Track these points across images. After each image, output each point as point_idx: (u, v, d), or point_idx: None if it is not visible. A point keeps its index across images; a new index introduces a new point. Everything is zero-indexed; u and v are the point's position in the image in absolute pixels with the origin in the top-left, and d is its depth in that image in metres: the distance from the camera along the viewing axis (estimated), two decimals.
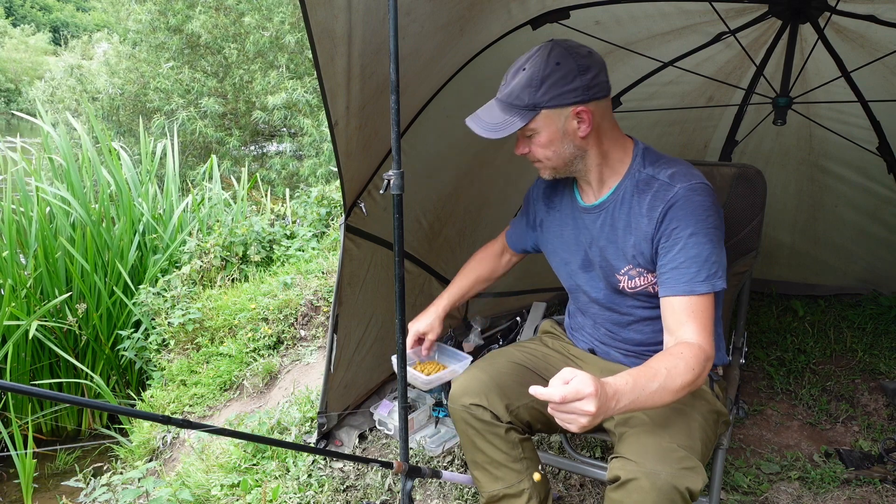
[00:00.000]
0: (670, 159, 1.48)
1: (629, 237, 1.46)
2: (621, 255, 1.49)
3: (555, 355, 1.70)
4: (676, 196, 1.37)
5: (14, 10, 37.03)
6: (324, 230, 4.50)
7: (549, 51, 1.36)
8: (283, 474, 2.20)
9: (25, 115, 6.19)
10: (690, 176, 1.41)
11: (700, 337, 1.32)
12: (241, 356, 3.15)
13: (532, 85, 1.35)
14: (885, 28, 2.12)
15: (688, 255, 1.35)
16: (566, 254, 1.63)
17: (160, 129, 7.52)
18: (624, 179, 1.48)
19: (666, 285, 1.39)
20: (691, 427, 1.33)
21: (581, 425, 1.13)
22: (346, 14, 1.47)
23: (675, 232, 1.37)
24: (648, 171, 1.45)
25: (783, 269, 3.56)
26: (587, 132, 1.40)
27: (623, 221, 1.47)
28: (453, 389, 1.55)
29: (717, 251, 1.36)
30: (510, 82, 1.39)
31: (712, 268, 1.35)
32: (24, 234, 4.08)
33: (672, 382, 1.22)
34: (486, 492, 1.58)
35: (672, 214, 1.37)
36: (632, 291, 1.51)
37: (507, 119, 1.37)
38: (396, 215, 1.52)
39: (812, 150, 3.08)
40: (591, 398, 1.10)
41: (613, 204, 1.49)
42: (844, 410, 2.59)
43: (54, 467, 3.57)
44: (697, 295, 1.34)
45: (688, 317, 1.34)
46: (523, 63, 1.39)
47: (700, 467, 1.24)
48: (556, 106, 1.37)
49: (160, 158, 5.46)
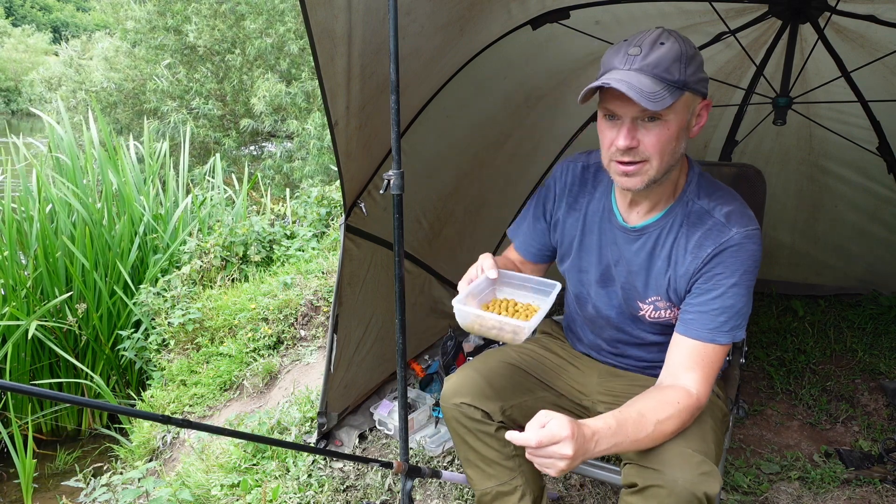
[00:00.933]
0: (726, 192, 1.37)
1: (667, 270, 1.37)
2: (652, 286, 1.40)
3: (551, 356, 1.69)
4: (731, 241, 1.28)
5: (14, 10, 37.06)
6: (324, 230, 4.51)
7: (677, 35, 1.23)
8: (283, 474, 2.20)
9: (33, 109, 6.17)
10: (747, 219, 1.31)
11: (702, 388, 1.28)
12: (241, 356, 3.15)
13: (682, 60, 1.19)
14: (885, 28, 2.12)
15: (723, 304, 1.29)
16: (583, 262, 1.52)
17: (157, 131, 7.52)
18: (675, 205, 1.36)
19: (688, 325, 1.32)
20: (705, 431, 1.31)
21: (559, 469, 1.11)
22: (346, 14, 1.47)
23: (718, 278, 1.29)
24: (703, 203, 1.34)
25: (783, 269, 3.56)
26: (697, 133, 1.29)
27: (665, 252, 1.37)
28: (445, 389, 1.54)
29: (749, 303, 1.31)
30: (650, 53, 1.19)
31: (739, 319, 1.30)
32: (25, 234, 4.08)
33: (658, 435, 1.22)
34: (479, 489, 1.58)
35: (721, 259, 1.29)
36: (651, 320, 1.46)
37: (660, 91, 1.17)
38: (396, 215, 1.52)
39: (812, 150, 3.08)
40: (568, 441, 1.09)
41: (659, 231, 1.37)
42: (844, 410, 2.59)
43: (54, 467, 3.57)
44: (716, 344, 1.30)
45: (697, 363, 1.30)
46: (656, 38, 1.21)
47: (716, 471, 1.22)
48: (696, 91, 1.23)
49: (160, 158, 5.46)
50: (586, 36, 2.31)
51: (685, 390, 1.28)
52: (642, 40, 1.21)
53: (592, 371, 1.65)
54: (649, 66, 1.18)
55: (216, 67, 8.10)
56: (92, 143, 4.83)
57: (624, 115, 1.23)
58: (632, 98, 1.15)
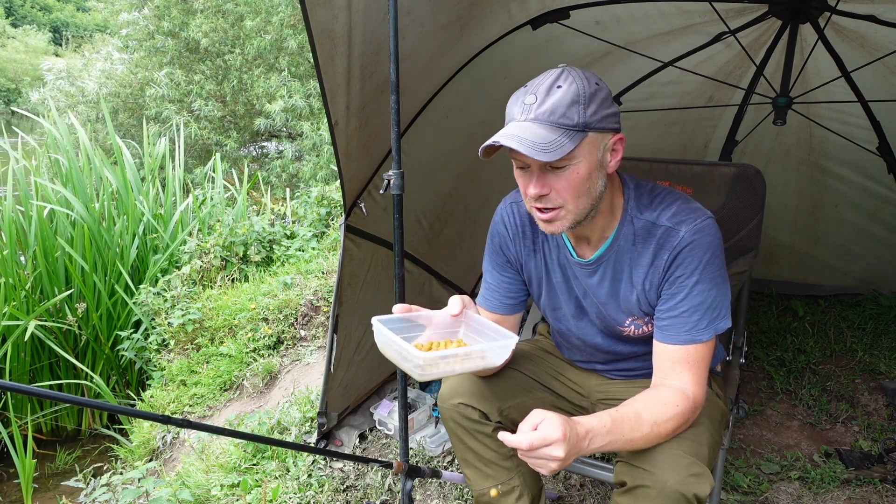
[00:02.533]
0: (665, 195, 1.34)
1: (633, 292, 1.36)
2: (624, 309, 1.40)
3: (549, 357, 1.69)
4: (682, 241, 1.27)
5: (14, 11, 37.02)
6: (324, 230, 4.51)
7: (579, 71, 1.21)
8: (283, 474, 2.20)
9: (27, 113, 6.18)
10: (692, 213, 1.30)
11: (695, 388, 1.28)
12: (241, 356, 3.15)
13: (580, 102, 1.16)
14: (885, 28, 2.12)
15: (691, 304, 1.28)
16: (554, 300, 1.50)
17: (158, 134, 7.51)
18: (621, 227, 1.34)
19: (665, 332, 1.32)
20: (698, 432, 1.31)
21: (551, 469, 1.11)
22: (346, 14, 1.47)
23: (680, 280, 1.29)
24: (647, 215, 1.32)
25: (783, 269, 3.56)
26: (615, 168, 1.27)
27: (626, 275, 1.36)
28: (442, 390, 1.54)
29: (723, 291, 1.30)
30: (545, 100, 1.17)
31: (715, 311, 1.29)
32: (24, 234, 4.08)
33: (654, 436, 1.22)
34: (477, 489, 1.58)
35: (678, 262, 1.28)
36: (638, 336, 1.45)
37: (557, 140, 1.15)
38: (396, 215, 1.52)
39: (812, 150, 3.08)
40: (560, 443, 1.08)
41: (613, 257, 1.36)
42: (844, 410, 2.59)
43: (54, 467, 3.57)
44: (698, 343, 1.29)
45: (685, 366, 1.29)
46: (552, 81, 1.18)
47: (707, 473, 1.23)
48: (602, 129, 1.20)
49: (161, 159, 5.46)
50: (586, 36, 2.31)
51: (682, 393, 1.28)
52: (539, 86, 1.19)
53: (590, 375, 1.65)
54: (545, 113, 1.16)
55: (216, 68, 8.10)
56: (83, 143, 4.82)
57: (531, 164, 1.21)
58: (524, 154, 1.13)
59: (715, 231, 1.30)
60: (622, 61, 2.59)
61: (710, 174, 1.95)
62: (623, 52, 2.47)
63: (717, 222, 1.34)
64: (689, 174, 1.97)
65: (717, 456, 1.40)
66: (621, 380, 1.60)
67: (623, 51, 2.45)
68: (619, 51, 2.46)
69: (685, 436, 1.28)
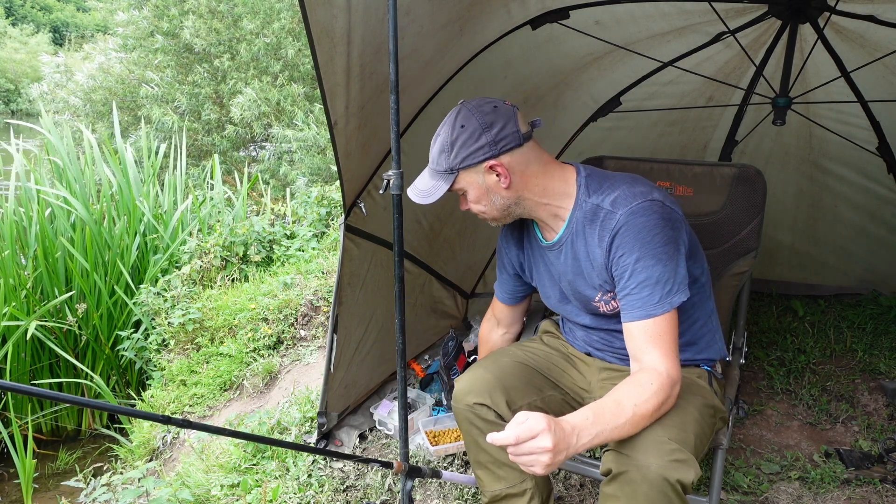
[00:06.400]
0: (614, 180, 1.46)
1: (592, 268, 1.47)
2: (590, 286, 1.50)
3: (556, 354, 1.71)
4: (619, 223, 1.37)
5: (14, 11, 37.01)
6: (324, 230, 4.51)
7: (455, 114, 1.42)
8: (283, 474, 2.20)
9: (22, 121, 6.18)
10: (632, 197, 1.39)
11: (666, 362, 1.32)
12: (241, 356, 3.15)
13: (445, 150, 1.41)
14: (885, 28, 2.12)
15: (638, 281, 1.35)
16: (545, 288, 1.66)
17: (154, 134, 7.50)
18: (574, 212, 1.48)
19: (624, 311, 1.39)
20: (685, 420, 1.33)
21: (543, 464, 1.13)
22: (345, 14, 1.47)
23: (622, 259, 1.37)
24: (593, 199, 1.44)
25: (783, 269, 3.56)
26: (508, 183, 1.42)
27: (583, 253, 1.48)
28: (457, 389, 1.55)
29: (670, 267, 1.35)
30: (431, 150, 1.45)
31: (666, 286, 1.34)
32: (24, 234, 4.08)
33: (639, 418, 1.25)
34: (489, 491, 1.58)
35: (617, 242, 1.38)
36: (612, 313, 1.51)
37: (435, 184, 1.43)
38: (396, 215, 1.53)
39: (812, 150, 3.08)
40: (546, 433, 1.12)
41: (570, 237, 1.49)
42: (844, 410, 2.59)
43: (54, 467, 3.57)
44: (655, 317, 1.34)
45: (649, 342, 1.34)
46: (439, 130, 1.44)
47: (692, 460, 1.24)
48: (469, 166, 1.40)
49: (158, 160, 5.46)
50: (586, 36, 2.31)
51: (654, 370, 1.31)
52: (435, 136, 1.45)
53: (593, 369, 1.66)
54: (431, 163, 1.46)
55: (213, 69, 8.09)
56: (87, 140, 4.82)
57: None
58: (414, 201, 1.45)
59: (652, 211, 1.37)
60: (622, 61, 2.60)
61: (710, 174, 1.95)
62: (623, 52, 2.47)
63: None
64: (689, 174, 1.97)
65: (705, 447, 1.41)
66: (619, 364, 1.62)
67: (623, 51, 2.45)
68: (619, 51, 2.46)
69: (671, 423, 1.30)
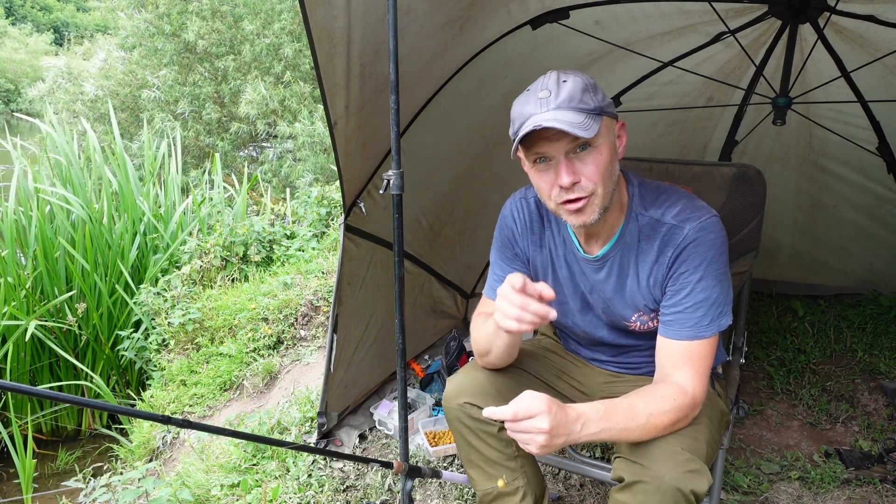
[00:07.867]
0: (670, 193, 1.38)
1: (637, 287, 1.39)
2: (630, 305, 1.42)
3: (552, 356, 1.69)
4: (687, 238, 1.30)
5: (14, 11, 36.99)
6: (324, 230, 4.51)
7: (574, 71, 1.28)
8: (283, 474, 2.20)
9: (24, 117, 6.19)
10: (699, 212, 1.33)
11: (696, 384, 1.29)
12: (241, 356, 3.15)
13: (588, 90, 1.23)
14: (885, 28, 2.12)
15: (695, 301, 1.30)
16: (560, 295, 1.52)
17: (155, 135, 7.51)
18: (626, 224, 1.37)
19: (669, 327, 1.34)
20: (697, 429, 1.32)
21: (539, 444, 1.13)
22: (345, 14, 1.47)
23: (684, 276, 1.31)
24: (652, 213, 1.36)
25: (783, 269, 3.56)
26: (622, 154, 1.32)
27: (632, 272, 1.39)
28: (448, 389, 1.54)
29: (725, 289, 1.32)
30: (559, 92, 1.21)
31: (718, 308, 1.31)
32: (24, 234, 4.08)
33: (651, 427, 1.23)
34: (481, 489, 1.58)
35: (683, 257, 1.31)
36: (643, 331, 1.46)
37: (584, 121, 1.19)
38: (396, 215, 1.52)
39: (812, 149, 3.08)
40: (544, 415, 1.11)
41: (619, 253, 1.39)
42: (844, 410, 2.59)
43: (54, 467, 3.57)
44: (701, 340, 1.31)
45: (687, 362, 1.30)
46: (556, 78, 1.24)
47: (705, 469, 1.23)
48: (611, 114, 1.27)
49: (158, 160, 5.46)
50: (586, 36, 2.31)
51: (680, 387, 1.29)
52: (546, 83, 1.25)
53: (594, 372, 1.65)
54: (565, 101, 1.21)
55: (214, 70, 8.09)
56: (90, 141, 4.82)
57: (556, 154, 1.24)
58: (566, 131, 1.17)
59: (719, 229, 1.33)
60: (622, 61, 2.59)
61: (710, 174, 1.95)
62: (623, 52, 2.47)
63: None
64: (689, 174, 1.97)
65: (715, 454, 1.40)
66: (625, 373, 1.61)
67: (623, 51, 2.45)
68: (619, 51, 2.46)
69: (684, 433, 1.29)
